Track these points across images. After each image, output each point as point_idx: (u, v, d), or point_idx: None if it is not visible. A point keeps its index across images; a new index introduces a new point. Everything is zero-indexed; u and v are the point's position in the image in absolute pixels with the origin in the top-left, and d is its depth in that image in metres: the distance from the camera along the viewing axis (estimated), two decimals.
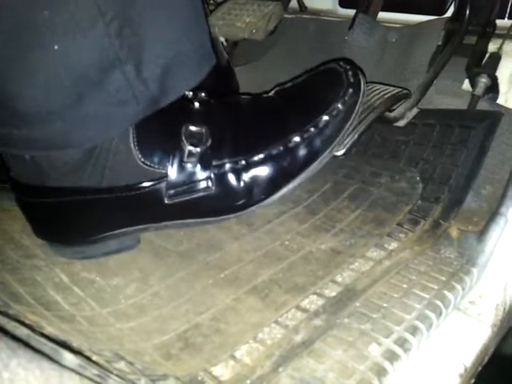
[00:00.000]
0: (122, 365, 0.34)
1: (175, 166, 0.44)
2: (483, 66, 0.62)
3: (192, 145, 0.44)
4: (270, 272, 0.46)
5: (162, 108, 0.44)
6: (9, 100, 0.38)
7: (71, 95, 0.39)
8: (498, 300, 0.45)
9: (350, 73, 0.50)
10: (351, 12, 0.81)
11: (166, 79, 0.43)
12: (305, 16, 0.90)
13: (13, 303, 0.41)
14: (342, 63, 0.51)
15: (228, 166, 0.46)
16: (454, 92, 0.64)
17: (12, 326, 0.31)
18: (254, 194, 0.47)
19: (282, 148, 0.47)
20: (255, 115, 0.48)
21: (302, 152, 0.47)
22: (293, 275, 0.46)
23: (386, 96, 0.55)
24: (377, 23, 0.78)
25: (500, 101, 0.62)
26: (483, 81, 0.61)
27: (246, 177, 0.46)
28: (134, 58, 0.40)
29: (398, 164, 0.62)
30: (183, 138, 0.44)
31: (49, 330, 0.37)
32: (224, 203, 0.47)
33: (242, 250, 0.50)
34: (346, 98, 0.48)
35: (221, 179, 0.45)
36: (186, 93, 0.47)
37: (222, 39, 0.79)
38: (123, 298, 0.44)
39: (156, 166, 0.44)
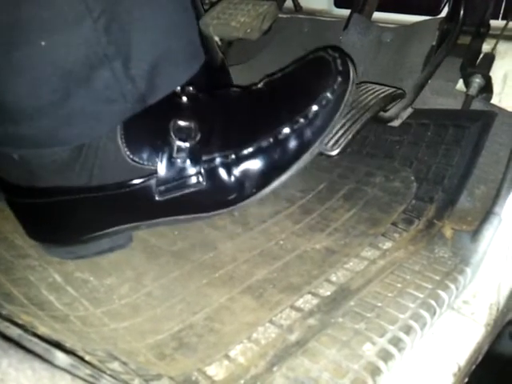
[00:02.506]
0: (115, 365, 0.34)
1: (164, 161, 0.43)
2: (477, 66, 0.62)
3: (181, 140, 0.44)
4: (265, 271, 0.46)
5: (150, 103, 0.44)
6: None
7: (58, 92, 0.39)
8: (492, 299, 0.45)
9: (338, 61, 0.48)
10: (346, 12, 0.81)
11: (154, 77, 0.42)
12: (300, 16, 0.90)
13: (6, 303, 0.41)
14: (330, 51, 0.49)
15: (218, 160, 0.45)
16: (449, 92, 0.64)
17: (3, 326, 0.30)
18: (245, 188, 0.46)
19: (271, 140, 0.46)
20: (244, 108, 0.48)
21: (293, 144, 0.46)
22: (287, 275, 0.46)
23: (380, 96, 0.55)
24: (371, 23, 0.78)
25: (494, 101, 0.62)
26: (477, 81, 0.61)
27: (236, 171, 0.45)
28: (122, 55, 0.39)
29: (393, 164, 0.62)
30: (172, 134, 0.44)
31: (42, 330, 0.37)
32: (215, 198, 0.46)
33: (237, 249, 0.50)
34: (335, 87, 0.47)
35: (211, 174, 0.45)
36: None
37: (216, 39, 0.79)
38: (117, 297, 0.44)
39: (145, 163, 0.43)
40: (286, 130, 0.46)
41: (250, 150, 0.45)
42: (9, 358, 0.22)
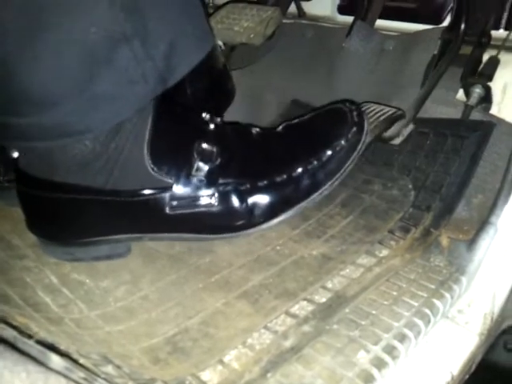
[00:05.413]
0: (109, 368, 0.34)
1: (182, 177, 0.45)
2: (482, 68, 0.63)
3: (202, 161, 0.46)
4: (261, 277, 0.46)
5: (179, 122, 0.47)
6: (19, 85, 0.39)
7: (81, 76, 0.39)
8: (486, 309, 0.45)
9: (354, 113, 0.51)
10: (349, 19, 0.81)
11: (172, 56, 0.43)
12: (303, 22, 0.90)
13: (1, 304, 0.41)
14: (347, 104, 0.53)
15: (233, 186, 0.47)
16: (448, 101, 0.64)
17: None
18: (254, 217, 0.48)
19: (285, 177, 0.48)
20: (263, 145, 0.51)
21: (305, 183, 0.49)
22: (283, 280, 0.46)
23: (380, 118, 0.56)
24: (374, 31, 0.78)
25: (493, 111, 0.62)
26: (477, 91, 0.61)
27: (248, 199, 0.47)
28: (140, 34, 0.40)
29: (391, 172, 0.62)
30: (194, 153, 0.46)
31: (37, 332, 0.37)
32: (224, 221, 0.48)
33: (234, 254, 0.50)
34: (350, 136, 0.50)
35: (224, 198, 0.46)
36: (204, 115, 0.49)
37: (219, 43, 0.79)
38: (112, 300, 0.44)
39: (164, 175, 0.45)
40: (300, 170, 0.48)
41: (265, 182, 0.48)
42: (4, 360, 0.22)
